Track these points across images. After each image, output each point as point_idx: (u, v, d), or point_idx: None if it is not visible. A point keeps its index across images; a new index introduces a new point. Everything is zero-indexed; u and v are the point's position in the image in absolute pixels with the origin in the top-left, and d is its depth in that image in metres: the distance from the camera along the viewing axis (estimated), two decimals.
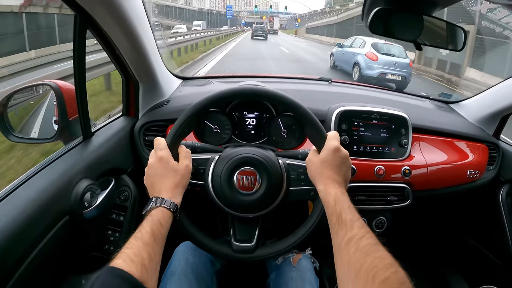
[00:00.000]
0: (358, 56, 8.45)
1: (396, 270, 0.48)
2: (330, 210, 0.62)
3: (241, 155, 0.75)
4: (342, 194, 0.64)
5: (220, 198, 0.75)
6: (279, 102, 0.77)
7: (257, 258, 0.76)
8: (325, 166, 0.69)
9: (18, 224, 0.61)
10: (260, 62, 11.84)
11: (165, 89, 1.15)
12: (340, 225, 0.58)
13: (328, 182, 0.67)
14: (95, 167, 0.84)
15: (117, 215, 0.93)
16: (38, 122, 0.97)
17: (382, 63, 7.90)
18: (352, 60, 8.76)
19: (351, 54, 8.95)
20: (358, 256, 0.52)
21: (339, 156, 0.69)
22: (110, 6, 0.72)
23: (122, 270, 0.49)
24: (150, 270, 0.53)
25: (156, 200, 0.64)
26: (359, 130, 1.06)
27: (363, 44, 8.65)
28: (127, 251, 0.53)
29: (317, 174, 0.69)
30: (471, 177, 1.16)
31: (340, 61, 9.86)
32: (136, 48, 0.90)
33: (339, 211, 0.60)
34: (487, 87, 1.28)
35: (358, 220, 0.59)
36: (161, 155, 0.69)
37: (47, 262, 0.68)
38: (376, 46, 8.25)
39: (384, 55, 8.13)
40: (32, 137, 0.95)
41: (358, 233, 0.55)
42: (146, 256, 0.54)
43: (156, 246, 0.57)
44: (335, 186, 0.66)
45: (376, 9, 0.74)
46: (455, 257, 1.48)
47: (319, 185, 0.68)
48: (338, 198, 0.63)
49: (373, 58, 8.01)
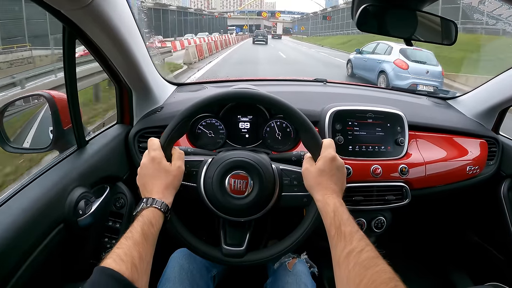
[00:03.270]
0: (384, 64, 7.36)
1: (396, 285, 0.48)
2: (329, 221, 0.62)
3: (234, 159, 0.75)
4: (341, 204, 0.64)
5: (211, 201, 0.75)
6: (273, 106, 0.77)
7: (247, 263, 0.76)
8: (323, 175, 0.68)
9: (12, 233, 0.62)
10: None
11: (159, 96, 1.16)
12: (339, 237, 0.58)
13: (326, 192, 0.67)
14: (89, 175, 0.85)
15: (113, 222, 0.93)
16: (32, 132, 0.98)
17: (413, 72, 6.84)
18: (376, 68, 7.66)
19: (374, 61, 7.87)
20: (357, 270, 0.52)
21: (336, 165, 0.69)
22: (98, 17, 0.73)
23: (113, 270, 0.50)
24: (141, 270, 0.53)
25: (147, 201, 0.65)
26: (354, 129, 1.05)
27: (390, 50, 7.51)
28: (117, 251, 0.54)
29: (314, 183, 0.69)
30: (471, 173, 1.15)
31: (360, 69, 8.72)
32: (127, 57, 0.90)
33: (338, 223, 0.60)
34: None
35: (358, 232, 0.58)
36: (153, 156, 0.69)
37: (42, 270, 0.69)
38: (405, 53, 7.13)
39: (415, 62, 7.01)
40: (27, 147, 0.95)
41: (357, 246, 0.55)
42: (136, 255, 0.54)
43: (147, 245, 0.58)
44: (334, 196, 0.66)
45: (364, 6, 0.74)
46: (458, 254, 1.46)
47: (317, 195, 0.68)
48: (337, 209, 0.63)
49: (403, 67, 6.92)
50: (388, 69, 7.19)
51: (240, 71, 10.22)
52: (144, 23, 1.70)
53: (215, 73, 9.40)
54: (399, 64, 7.00)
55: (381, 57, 7.67)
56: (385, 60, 7.41)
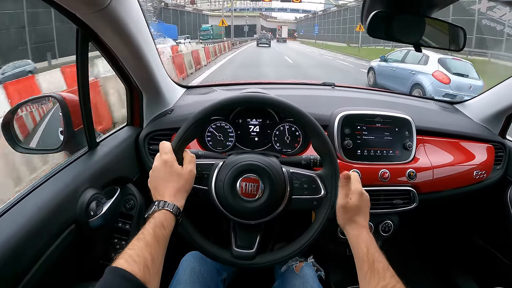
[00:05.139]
0: (420, 76, 6.19)
1: None
2: (361, 257, 0.65)
3: (245, 162, 0.76)
4: (371, 239, 0.68)
5: (222, 204, 0.75)
6: (285, 110, 0.78)
7: (257, 265, 0.77)
8: (356, 211, 0.72)
9: (26, 232, 0.62)
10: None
11: (169, 98, 1.16)
12: (372, 274, 0.61)
13: (360, 228, 0.70)
14: (100, 176, 0.85)
15: (123, 223, 0.94)
16: (39, 133, 0.99)
17: (455, 87, 5.71)
18: (409, 80, 6.49)
19: (406, 71, 6.70)
20: None
21: (365, 199, 0.73)
22: (111, 19, 0.73)
23: (125, 270, 0.50)
24: (153, 271, 0.54)
25: (159, 203, 0.65)
26: (363, 134, 1.06)
27: (426, 60, 6.31)
28: (129, 251, 0.54)
29: (348, 219, 0.72)
30: (477, 177, 1.15)
31: (386, 79, 7.45)
32: (139, 59, 0.91)
33: (371, 259, 0.63)
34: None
35: (389, 268, 0.62)
36: (165, 159, 0.70)
37: (53, 270, 0.69)
38: (444, 63, 5.95)
39: (457, 75, 5.87)
40: (37, 148, 0.96)
41: (390, 282, 0.59)
42: (148, 257, 0.54)
43: (158, 247, 0.58)
44: (366, 231, 0.69)
45: (374, 12, 0.75)
46: (464, 258, 1.46)
47: (352, 230, 0.71)
48: (369, 245, 0.66)
49: (444, 81, 5.77)
50: (425, 82, 6.05)
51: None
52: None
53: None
54: (439, 77, 5.83)
55: (415, 67, 6.48)
56: (421, 71, 6.23)
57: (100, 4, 0.67)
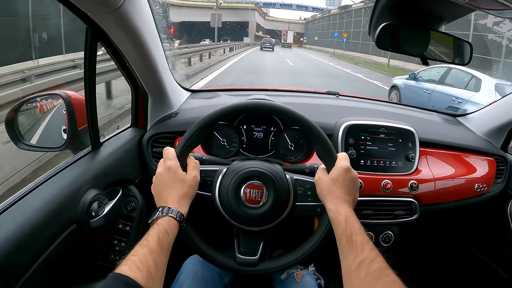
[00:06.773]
0: (469, 106, 4.49)
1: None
2: (340, 231, 0.62)
3: (249, 169, 0.75)
4: (352, 215, 0.65)
5: (226, 211, 0.75)
6: (290, 118, 0.78)
7: (260, 272, 0.76)
8: (336, 185, 0.69)
9: (26, 231, 0.62)
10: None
11: (174, 102, 1.16)
12: (350, 247, 0.58)
13: (338, 201, 0.67)
14: (103, 177, 0.85)
15: (123, 225, 0.93)
16: (39, 131, 0.99)
17: None
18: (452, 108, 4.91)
19: (448, 97, 5.20)
20: (368, 280, 0.52)
21: (350, 176, 0.70)
22: (122, 20, 0.74)
23: (128, 277, 0.50)
24: (156, 278, 0.53)
25: (163, 210, 0.65)
26: (366, 144, 1.06)
27: (477, 84, 4.91)
28: (133, 258, 0.54)
29: (327, 192, 0.70)
30: (478, 190, 1.15)
31: (416, 102, 5.56)
32: (146, 61, 0.91)
33: (349, 233, 0.60)
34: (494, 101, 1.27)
35: (368, 242, 0.59)
36: (169, 165, 0.69)
37: (52, 270, 0.69)
38: (503, 91, 4.58)
39: None
40: (40, 146, 0.96)
41: (368, 256, 0.55)
42: (152, 264, 0.54)
43: (162, 254, 0.58)
44: (346, 206, 0.66)
45: (383, 24, 0.75)
46: (464, 271, 1.45)
47: (329, 204, 0.68)
48: (348, 218, 0.63)
49: None
50: None
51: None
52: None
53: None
54: None
55: (461, 93, 5.04)
56: (471, 101, 4.71)
57: (112, 5, 0.67)
